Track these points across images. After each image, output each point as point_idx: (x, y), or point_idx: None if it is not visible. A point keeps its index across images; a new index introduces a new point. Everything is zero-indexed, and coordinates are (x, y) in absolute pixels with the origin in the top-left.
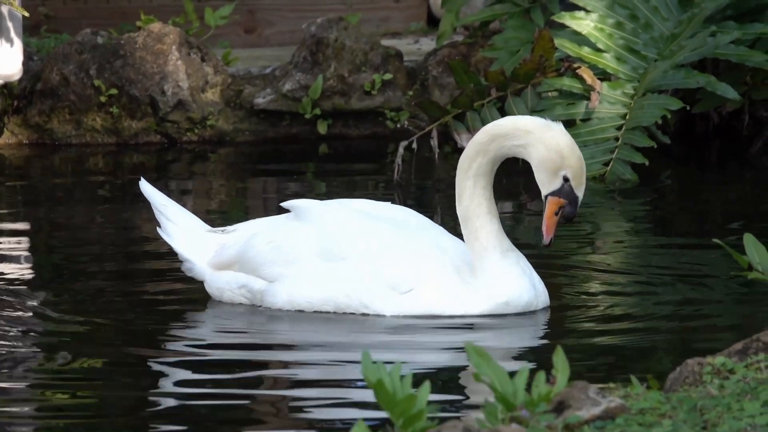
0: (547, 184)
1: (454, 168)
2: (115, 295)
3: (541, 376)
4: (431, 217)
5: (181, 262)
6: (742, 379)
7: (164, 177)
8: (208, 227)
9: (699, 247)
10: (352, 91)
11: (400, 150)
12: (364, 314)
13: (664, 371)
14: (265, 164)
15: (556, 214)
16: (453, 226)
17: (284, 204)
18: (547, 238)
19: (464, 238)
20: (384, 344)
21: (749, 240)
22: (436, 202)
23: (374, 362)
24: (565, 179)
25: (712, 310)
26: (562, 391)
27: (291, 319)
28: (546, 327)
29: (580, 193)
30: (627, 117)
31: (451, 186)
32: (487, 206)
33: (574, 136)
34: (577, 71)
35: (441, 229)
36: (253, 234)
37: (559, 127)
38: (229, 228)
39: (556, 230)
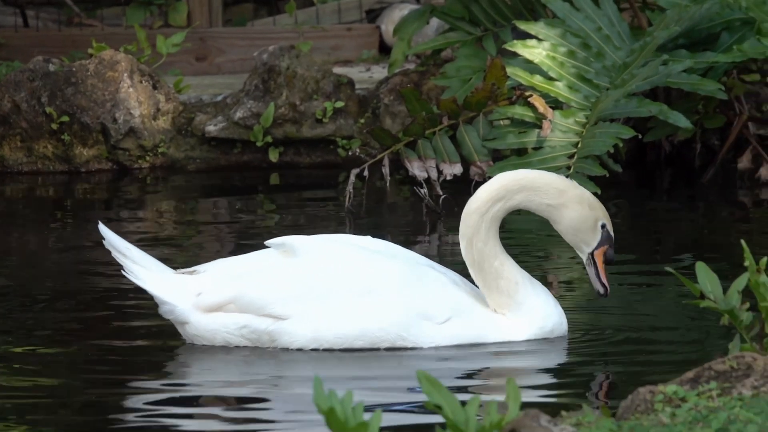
0: (590, 240)
1: (406, 195)
2: (67, 321)
3: (492, 404)
4: None
5: (147, 302)
6: (693, 408)
7: (115, 206)
8: (174, 270)
9: (650, 275)
10: (303, 119)
11: (352, 178)
12: (399, 348)
13: (616, 399)
14: (216, 193)
15: (603, 263)
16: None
17: (272, 242)
18: (607, 287)
19: (478, 279)
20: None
21: (701, 269)
22: (388, 230)
23: (326, 390)
24: (603, 226)
25: (664, 339)
26: (514, 419)
27: (304, 359)
28: (567, 350)
29: (613, 234)
30: (579, 145)
31: (403, 213)
32: (500, 246)
33: (526, 165)
34: (529, 99)
35: (431, 261)
36: (244, 273)
37: (575, 182)
38: (198, 268)
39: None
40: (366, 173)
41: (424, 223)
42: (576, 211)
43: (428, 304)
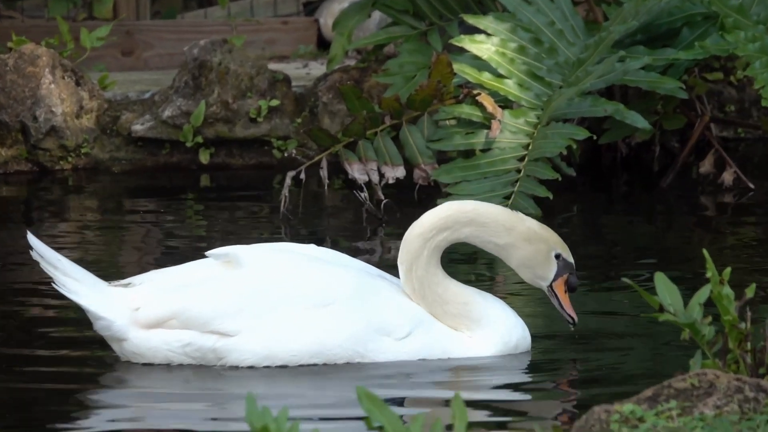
0: (545, 274)
1: (345, 200)
2: None
3: (438, 423)
4: None
5: (78, 316)
6: (652, 428)
7: (35, 209)
8: (107, 282)
9: (606, 286)
10: (236, 118)
11: (288, 181)
12: (356, 363)
13: (569, 418)
14: (143, 196)
15: (566, 291)
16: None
17: (214, 252)
18: (573, 315)
19: (422, 305)
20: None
21: (660, 279)
22: (326, 237)
23: (259, 407)
24: (558, 256)
25: (620, 354)
26: None
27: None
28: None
29: (572, 259)
30: (530, 147)
31: (342, 219)
32: (441, 273)
33: (473, 167)
34: (476, 98)
35: (381, 271)
36: (185, 286)
37: (521, 215)
38: (133, 280)
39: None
40: (303, 176)
41: (364, 229)
42: (525, 249)
43: (387, 318)
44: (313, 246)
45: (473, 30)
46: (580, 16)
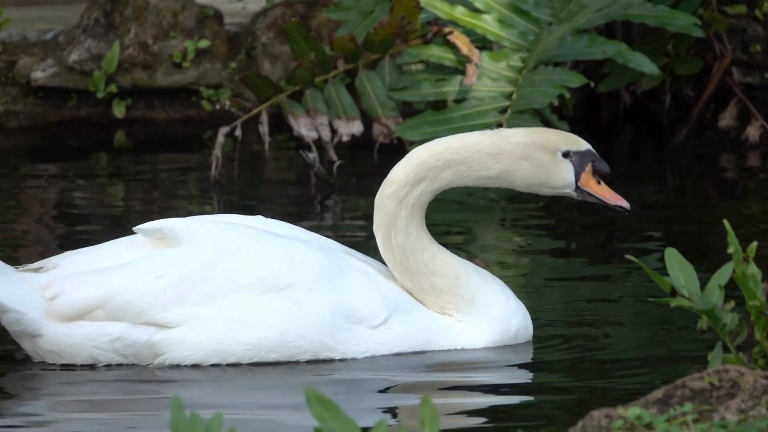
0: (564, 180)
1: (290, 162)
2: None
3: (405, 429)
4: None
5: None
6: None
7: None
8: (13, 267)
9: (607, 267)
10: (157, 63)
11: (220, 138)
12: (325, 360)
13: (565, 423)
14: (46, 158)
15: (599, 182)
16: None
17: (144, 227)
18: (622, 203)
19: (405, 281)
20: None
21: (672, 257)
22: (267, 206)
23: (186, 412)
24: (566, 154)
25: (624, 347)
26: None
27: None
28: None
29: (586, 145)
30: (513, 97)
31: (286, 185)
32: (427, 237)
33: (445, 121)
34: (448, 38)
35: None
36: (110, 269)
37: (504, 131)
38: (46, 263)
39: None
40: (238, 133)
41: (313, 197)
42: (525, 168)
43: (359, 302)
44: (261, 218)
45: None
46: None
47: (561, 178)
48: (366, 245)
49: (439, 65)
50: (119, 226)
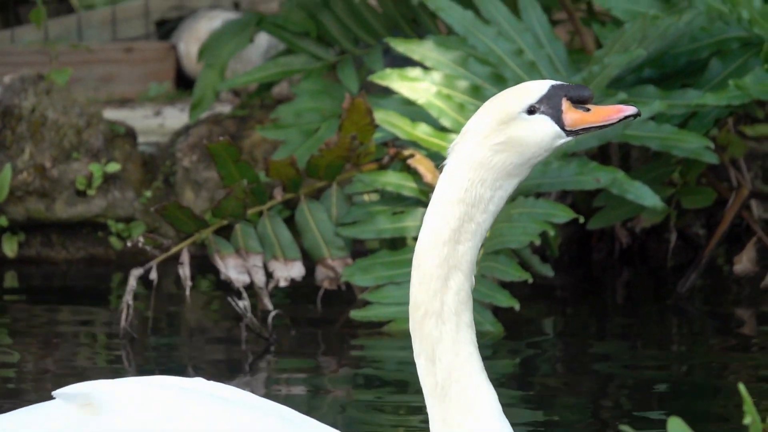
0: (549, 134)
1: (217, 311)
2: None
3: None
4: None
5: None
6: None
7: None
8: None
9: None
10: (56, 191)
11: (132, 283)
12: None
13: None
14: None
15: (588, 108)
16: None
17: (63, 392)
18: (626, 111)
19: (438, 415)
20: None
21: (676, 427)
22: (186, 363)
23: None
24: (531, 110)
25: None
26: None
27: None
28: None
29: (544, 85)
30: (487, 235)
31: (212, 340)
32: (477, 358)
33: (405, 263)
34: (409, 162)
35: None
36: None
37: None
38: None
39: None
40: (154, 276)
41: (244, 355)
42: (508, 156)
43: None
44: (201, 380)
45: (404, 61)
46: (562, 42)
47: (541, 135)
48: (308, 414)
49: (398, 195)
50: (10, 392)
